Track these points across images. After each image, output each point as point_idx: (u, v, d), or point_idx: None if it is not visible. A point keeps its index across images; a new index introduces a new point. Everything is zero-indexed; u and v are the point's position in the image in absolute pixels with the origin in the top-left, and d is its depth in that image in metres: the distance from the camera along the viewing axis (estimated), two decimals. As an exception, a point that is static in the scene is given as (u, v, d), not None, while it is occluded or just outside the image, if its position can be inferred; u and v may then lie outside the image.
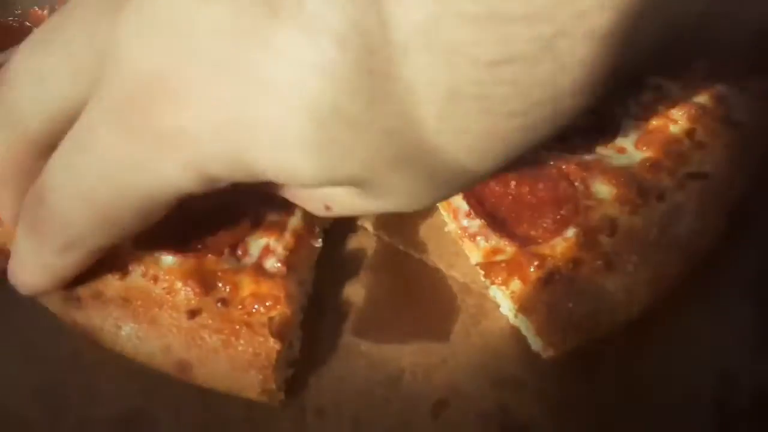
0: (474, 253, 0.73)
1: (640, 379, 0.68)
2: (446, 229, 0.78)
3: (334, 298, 0.73)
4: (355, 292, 0.73)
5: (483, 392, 0.67)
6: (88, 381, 0.65)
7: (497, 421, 0.65)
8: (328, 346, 0.69)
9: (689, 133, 0.78)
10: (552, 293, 0.68)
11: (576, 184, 0.75)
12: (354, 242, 0.77)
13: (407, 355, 0.69)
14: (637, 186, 0.73)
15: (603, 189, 0.74)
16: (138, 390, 0.65)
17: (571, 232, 0.71)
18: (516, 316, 0.70)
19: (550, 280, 0.68)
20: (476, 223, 0.74)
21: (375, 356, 0.69)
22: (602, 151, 0.79)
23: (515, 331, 0.71)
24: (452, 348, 0.70)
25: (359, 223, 0.79)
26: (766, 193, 0.80)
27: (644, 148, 0.77)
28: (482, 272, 0.71)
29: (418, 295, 0.74)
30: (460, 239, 0.75)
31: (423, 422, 0.65)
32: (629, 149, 0.78)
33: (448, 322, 0.72)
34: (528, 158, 0.75)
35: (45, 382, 0.65)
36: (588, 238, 0.71)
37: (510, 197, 0.75)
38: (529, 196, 0.75)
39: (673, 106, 0.80)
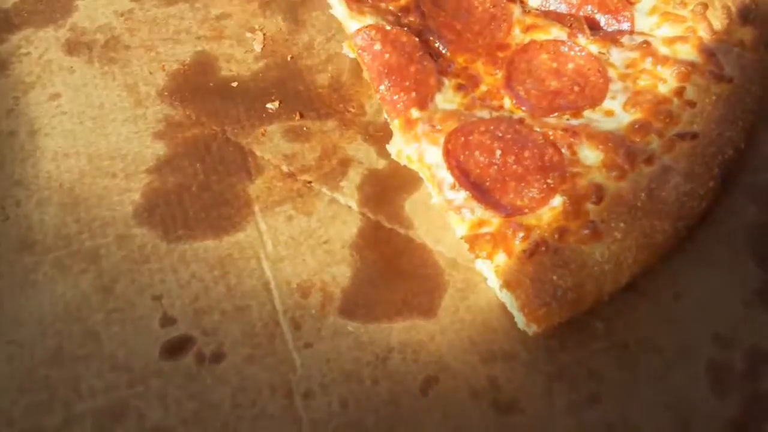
0: (460, 225, 0.72)
1: (631, 345, 0.67)
2: (432, 202, 0.76)
3: (320, 279, 0.72)
4: (340, 272, 0.72)
5: (473, 367, 0.66)
6: (74, 376, 0.65)
7: (488, 396, 0.64)
8: (315, 328, 0.69)
9: (678, 92, 0.76)
10: (537, 266, 0.66)
11: (563, 150, 0.73)
12: (339, 221, 0.76)
13: (395, 334, 0.68)
14: (625, 150, 0.71)
15: (590, 155, 0.73)
16: (125, 383, 0.65)
17: (557, 201, 0.70)
18: (501, 291, 0.69)
19: (535, 251, 0.67)
20: (461, 195, 0.72)
21: (362, 336, 0.68)
22: (590, 114, 0.77)
23: (504, 305, 0.69)
24: (440, 324, 0.69)
25: (344, 201, 0.78)
26: (760, 147, 0.79)
27: (632, 110, 0.75)
28: (467, 246, 0.70)
29: (405, 272, 0.73)
30: (446, 212, 0.74)
31: (412, 400, 0.64)
32: (617, 111, 0.76)
33: (436, 298, 0.71)
34: (514, 126, 0.75)
35: (30, 380, 0.65)
36: (575, 207, 0.69)
37: (495, 167, 0.73)
38: (514, 166, 0.73)
39: (662, 65, 0.78)
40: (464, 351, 0.67)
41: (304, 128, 0.83)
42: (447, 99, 0.79)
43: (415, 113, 0.78)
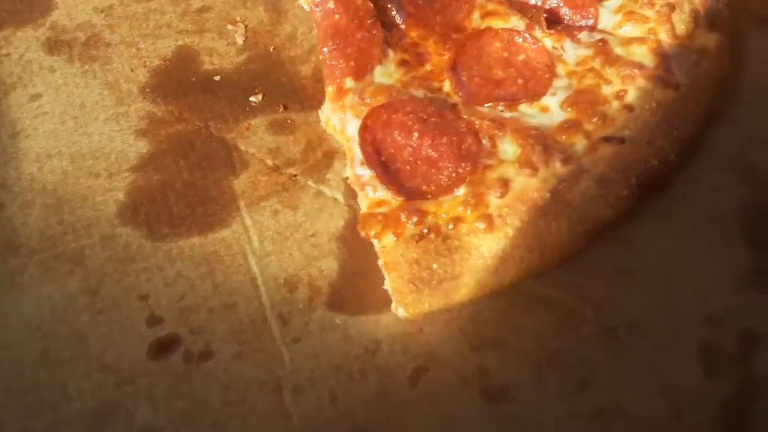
0: (363, 202, 0.72)
1: (622, 329, 0.66)
2: (345, 176, 0.77)
3: (307, 274, 0.71)
4: (328, 265, 0.72)
5: (462, 356, 0.66)
6: (61, 378, 0.65)
7: (477, 384, 0.64)
8: (303, 323, 0.68)
9: (620, 95, 0.74)
10: (421, 251, 0.67)
11: (483, 141, 0.72)
12: (325, 214, 0.75)
13: (383, 326, 0.68)
14: (542, 147, 0.70)
15: (509, 148, 0.72)
16: (113, 384, 0.65)
17: (462, 190, 0.70)
18: (384, 272, 0.69)
19: (423, 237, 0.67)
20: (369, 173, 0.72)
21: (351, 329, 0.68)
22: (525, 108, 0.76)
23: (492, 293, 0.69)
24: (429, 314, 0.68)
25: (330, 194, 0.77)
26: (754, 129, 0.78)
27: (569, 109, 0.74)
28: (359, 223, 0.70)
29: (393, 263, 0.72)
30: (355, 187, 0.74)
31: (401, 391, 0.64)
32: (553, 109, 0.75)
33: (424, 288, 0.70)
34: (441, 110, 0.74)
35: (17, 383, 0.64)
36: (477, 198, 0.69)
37: (410, 149, 0.73)
38: (429, 150, 0.72)
39: (611, 65, 0.76)
40: (453, 340, 0.67)
41: (289, 120, 0.83)
42: (386, 73, 0.79)
43: (349, 83, 0.77)
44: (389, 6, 0.82)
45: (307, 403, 0.63)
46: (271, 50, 0.89)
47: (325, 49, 0.79)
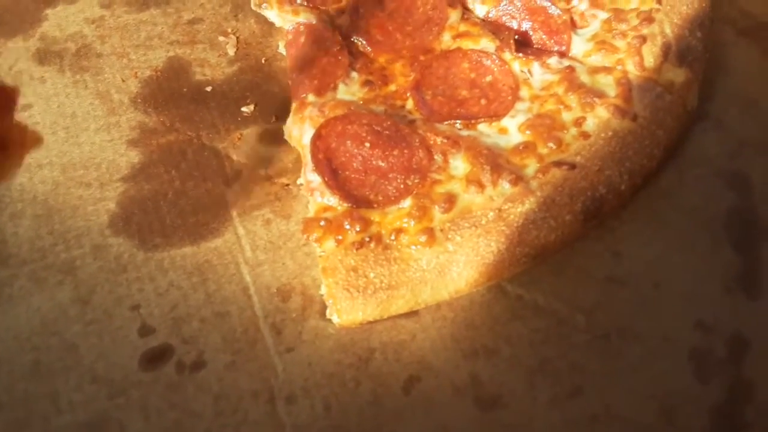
0: (312, 207, 0.73)
1: (613, 336, 0.67)
2: (298, 182, 0.78)
3: (300, 283, 0.71)
4: (319, 274, 0.72)
5: (455, 365, 0.66)
6: (52, 390, 0.64)
7: (470, 392, 0.64)
8: (296, 332, 0.68)
9: (578, 122, 0.75)
10: (359, 259, 0.68)
11: (436, 157, 0.73)
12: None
13: (377, 334, 0.68)
14: (491, 167, 0.71)
15: (460, 165, 0.73)
16: (105, 395, 0.64)
17: (408, 202, 0.71)
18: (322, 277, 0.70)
19: (363, 245, 0.68)
20: (318, 179, 0.73)
21: (344, 338, 0.68)
22: (483, 128, 0.77)
23: (485, 301, 0.69)
24: (422, 323, 0.69)
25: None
26: (738, 133, 0.79)
27: (527, 132, 0.75)
28: (301, 227, 0.72)
29: (386, 272, 0.72)
30: (306, 193, 0.75)
31: (395, 399, 0.64)
32: (511, 130, 0.76)
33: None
34: (400, 125, 0.75)
35: (7, 395, 0.64)
36: (421, 211, 0.70)
37: (360, 158, 0.74)
38: (379, 161, 0.74)
39: (573, 92, 0.77)
40: (446, 348, 0.67)
41: (280, 131, 0.83)
42: (350, 91, 0.81)
43: (311, 97, 0.79)
44: (355, 38, 0.85)
45: (300, 413, 0.63)
46: (263, 61, 0.89)
47: (293, 74, 0.82)
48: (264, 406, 0.63)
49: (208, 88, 0.86)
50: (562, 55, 0.82)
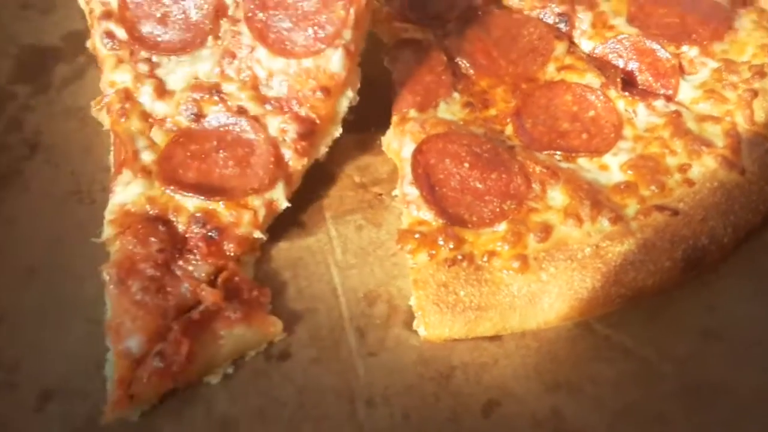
0: (406, 219, 0.74)
1: (703, 389, 0.65)
2: (393, 194, 0.79)
3: (386, 291, 0.72)
4: (407, 285, 0.72)
5: (537, 395, 0.65)
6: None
7: (550, 426, 0.63)
8: (379, 338, 0.69)
9: (683, 168, 0.74)
10: (451, 276, 0.68)
11: (534, 185, 0.73)
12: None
13: (458, 353, 0.68)
14: (591, 203, 0.71)
15: (558, 197, 0.73)
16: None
17: (502, 226, 0.71)
18: (413, 290, 0.70)
19: (456, 262, 0.68)
20: (416, 193, 0.74)
21: (426, 352, 0.68)
22: (584, 162, 0.77)
23: (572, 336, 0.69)
24: (505, 348, 0.68)
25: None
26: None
27: (629, 171, 0.75)
28: (394, 237, 0.72)
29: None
30: (401, 205, 0.75)
31: (473, 420, 0.64)
32: (612, 168, 0.76)
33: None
34: (499, 149, 0.76)
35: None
36: (516, 237, 0.69)
37: (458, 177, 0.74)
38: (477, 183, 0.74)
39: (679, 138, 0.76)
40: (528, 378, 0.66)
41: (378, 141, 0.85)
42: (450, 110, 0.82)
43: (412, 113, 0.81)
44: (459, 59, 0.86)
45: (379, 419, 0.63)
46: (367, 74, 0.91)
47: (396, 88, 0.84)
48: (345, 406, 0.64)
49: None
50: (669, 99, 0.82)
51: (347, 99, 0.79)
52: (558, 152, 0.77)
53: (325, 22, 0.75)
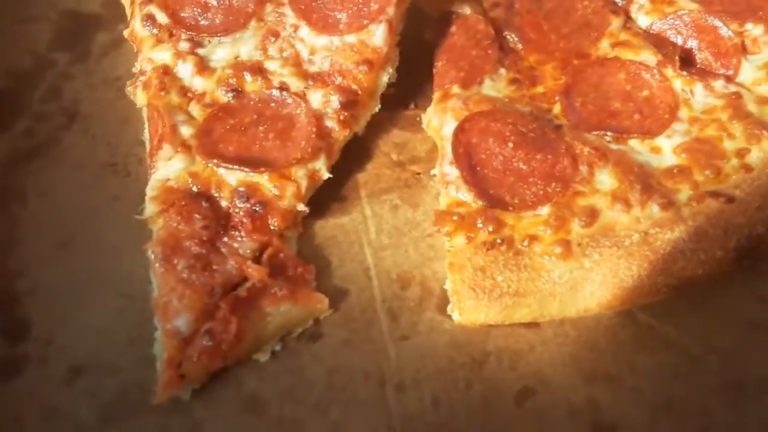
0: (444, 200, 0.71)
1: (748, 384, 0.62)
2: (431, 173, 0.76)
3: (420, 273, 0.71)
4: (441, 268, 0.70)
5: (573, 384, 0.63)
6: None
7: (587, 417, 0.61)
8: (412, 322, 0.68)
9: (741, 153, 0.70)
10: (489, 260, 0.66)
11: (581, 167, 0.69)
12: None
13: (493, 338, 0.66)
14: (642, 187, 0.67)
15: (606, 180, 0.69)
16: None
17: (545, 210, 0.68)
18: (448, 273, 0.68)
19: (495, 246, 0.66)
20: (455, 173, 0.71)
21: (459, 336, 0.67)
22: (635, 144, 0.73)
23: (612, 325, 0.66)
24: (542, 336, 0.66)
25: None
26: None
27: (683, 155, 0.70)
28: (431, 218, 0.70)
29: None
30: (440, 185, 0.73)
31: (506, 409, 0.62)
32: (665, 151, 0.72)
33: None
34: (544, 128, 0.72)
35: (138, 333, 0.66)
36: (560, 221, 0.66)
37: (501, 158, 0.71)
38: (521, 163, 0.71)
39: (739, 120, 0.71)
40: (565, 366, 0.64)
41: (417, 119, 0.82)
42: (496, 87, 0.79)
43: (455, 89, 0.78)
44: (507, 33, 0.83)
45: (409, 403, 0.62)
46: (407, 48, 0.88)
47: (440, 63, 0.82)
48: (374, 389, 0.63)
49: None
50: (729, 79, 0.77)
51: (387, 74, 0.79)
52: (608, 133, 0.73)
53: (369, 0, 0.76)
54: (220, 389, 0.63)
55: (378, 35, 0.76)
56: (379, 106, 0.79)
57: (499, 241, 0.67)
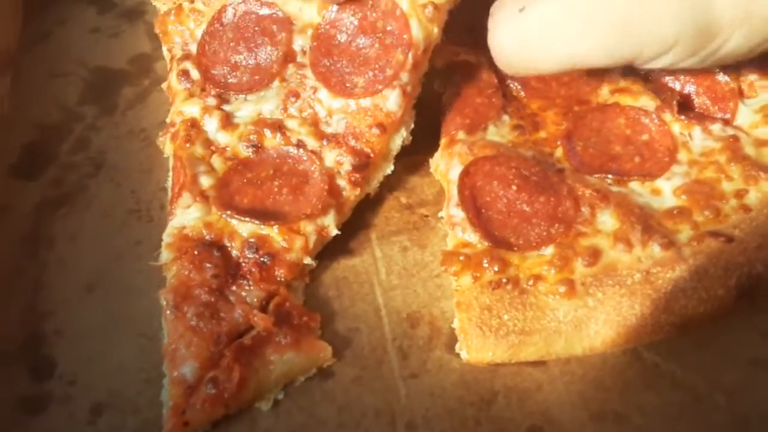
0: (451, 241, 0.74)
1: (754, 421, 0.63)
2: (439, 215, 0.79)
3: (429, 312, 0.73)
4: (449, 307, 0.73)
5: (581, 423, 0.64)
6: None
7: (594, 456, 0.62)
8: (421, 360, 0.69)
9: (740, 194, 0.72)
10: (495, 299, 0.67)
11: (583, 209, 0.72)
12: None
13: (500, 377, 0.68)
14: (642, 228, 0.69)
15: (608, 221, 0.71)
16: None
17: (549, 250, 0.70)
18: (455, 312, 0.69)
19: (500, 285, 0.68)
20: (462, 215, 0.74)
21: (467, 375, 0.68)
22: (635, 186, 0.75)
23: (619, 363, 0.67)
24: (549, 374, 0.68)
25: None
26: None
27: (682, 196, 0.73)
28: (438, 259, 0.73)
29: (516, 317, 0.72)
30: (447, 227, 0.75)
31: (515, 447, 0.63)
32: (665, 193, 0.74)
33: (545, 346, 0.70)
34: (548, 172, 0.75)
35: (157, 372, 0.68)
36: (563, 261, 0.68)
37: (505, 200, 0.74)
38: (524, 205, 0.73)
39: (736, 162, 0.74)
40: (572, 405, 0.65)
41: (425, 164, 0.85)
42: (500, 133, 0.82)
43: (461, 135, 0.81)
44: (510, 82, 0.87)
45: (419, 441, 0.64)
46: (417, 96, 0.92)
47: (446, 110, 0.85)
48: (385, 426, 0.65)
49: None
50: (726, 123, 0.79)
51: (401, 137, 0.82)
52: (609, 175, 0.76)
53: (385, 66, 0.79)
54: (236, 426, 0.65)
55: (392, 100, 0.79)
56: (392, 167, 0.81)
57: (504, 280, 0.69)
